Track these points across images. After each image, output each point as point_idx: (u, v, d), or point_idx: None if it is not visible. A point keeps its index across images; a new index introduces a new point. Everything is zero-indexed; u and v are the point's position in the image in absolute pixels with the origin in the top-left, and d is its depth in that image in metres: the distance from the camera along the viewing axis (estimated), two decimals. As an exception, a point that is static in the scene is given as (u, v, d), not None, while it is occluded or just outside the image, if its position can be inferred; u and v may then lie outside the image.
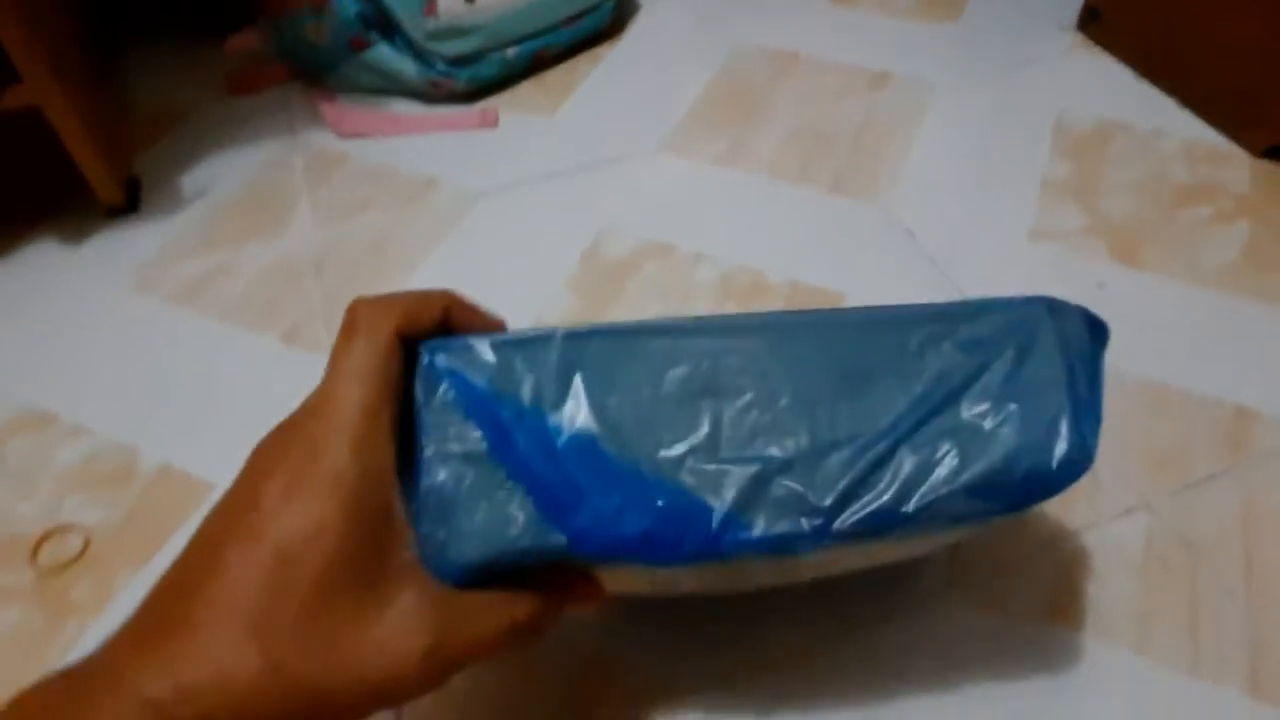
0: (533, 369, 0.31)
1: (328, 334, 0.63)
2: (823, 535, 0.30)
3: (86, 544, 0.52)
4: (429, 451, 0.30)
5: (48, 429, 0.59)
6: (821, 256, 0.68)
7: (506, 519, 0.29)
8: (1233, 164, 0.75)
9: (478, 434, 0.30)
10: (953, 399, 0.32)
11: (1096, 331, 0.38)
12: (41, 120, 0.65)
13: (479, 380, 0.31)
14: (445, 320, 0.32)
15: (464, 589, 0.29)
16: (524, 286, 0.67)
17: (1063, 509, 0.52)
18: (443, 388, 0.31)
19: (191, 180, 0.76)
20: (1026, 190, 0.73)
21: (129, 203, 0.73)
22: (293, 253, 0.70)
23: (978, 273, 0.67)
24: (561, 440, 0.30)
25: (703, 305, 0.65)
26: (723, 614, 0.47)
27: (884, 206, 0.72)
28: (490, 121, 0.80)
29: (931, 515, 0.31)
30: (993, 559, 0.50)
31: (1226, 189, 0.73)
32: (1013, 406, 0.32)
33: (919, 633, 0.47)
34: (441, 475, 0.30)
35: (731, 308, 0.65)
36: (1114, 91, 0.83)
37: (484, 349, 0.31)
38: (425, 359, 0.31)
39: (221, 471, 0.58)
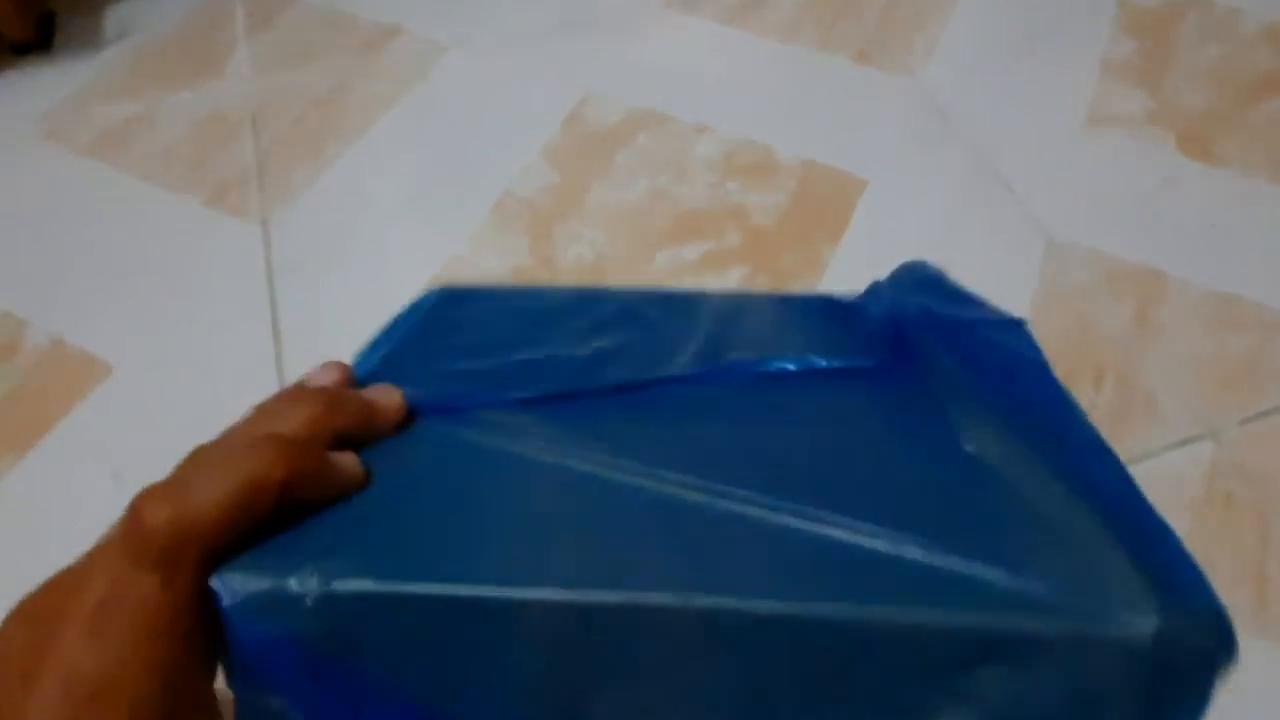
0: (372, 627, 0.20)
1: (260, 199, 0.54)
2: None
3: (-44, 426, 0.45)
4: None
5: (-73, 293, 0.50)
6: (841, 135, 0.59)
7: None
8: (1324, 50, 0.65)
9: (294, 714, 0.20)
10: None
11: None
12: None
13: (294, 641, 0.20)
14: (293, 497, 0.21)
15: None
16: (495, 155, 0.57)
17: (1112, 435, 0.44)
18: (242, 646, 0.20)
19: (115, 18, 0.66)
20: (1084, 70, 0.63)
21: (41, 40, 0.63)
22: (227, 105, 0.60)
23: (1023, 162, 0.57)
24: None
25: (700, 183, 0.55)
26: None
27: (916, 81, 0.62)
28: (465, -35, 0.69)
29: None
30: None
31: (1315, 78, 0.63)
32: None
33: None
34: None
35: (732, 188, 0.55)
36: (1190, -37, 0.71)
37: (304, 586, 0.20)
38: (220, 597, 0.20)
39: (122, 351, 0.50)
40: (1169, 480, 0.43)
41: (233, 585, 0.20)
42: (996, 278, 0.50)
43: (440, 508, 0.22)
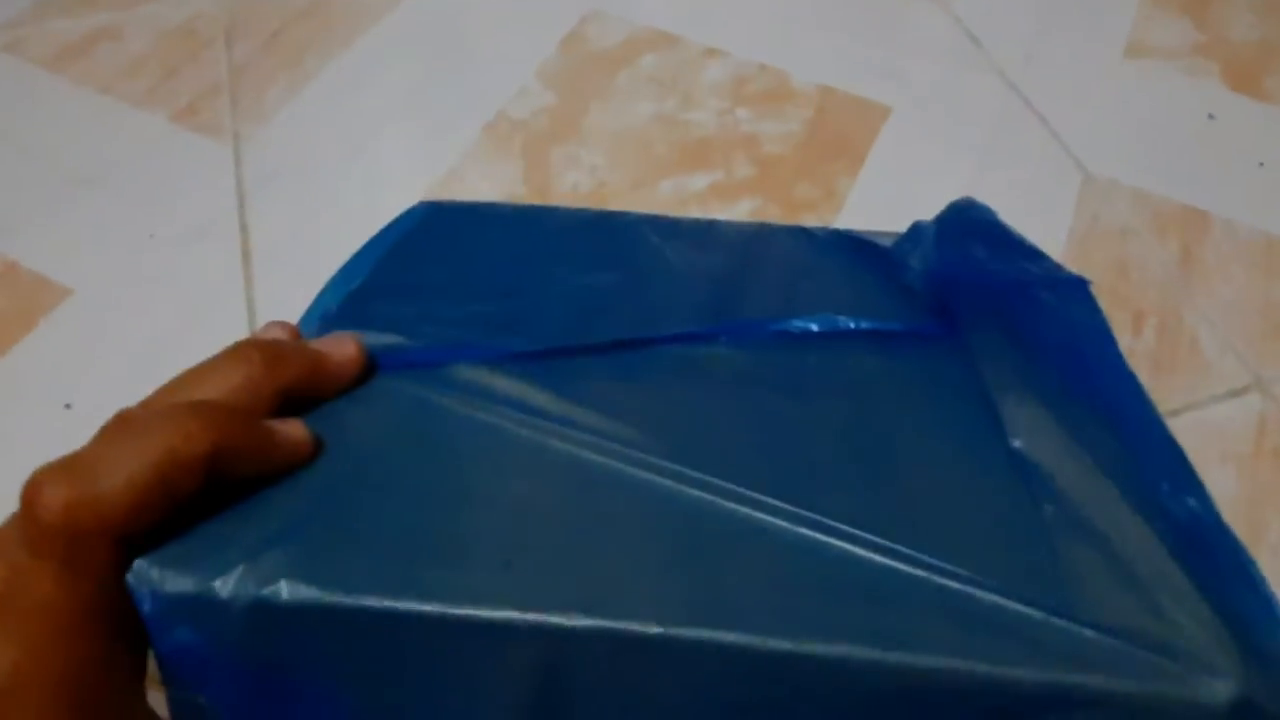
0: (311, 639, 0.17)
1: (232, 115, 0.50)
2: None
3: (-104, 352, 0.41)
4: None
5: None
6: (863, 60, 0.55)
7: None
8: (1383, -18, 0.60)
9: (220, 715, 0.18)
10: None
11: None
12: None
13: (220, 649, 0.17)
14: (224, 474, 0.18)
15: None
16: (486, 75, 0.53)
17: (1154, 385, 0.41)
18: (161, 651, 0.17)
19: (79, -79, 0.61)
20: (1124, -3, 0.59)
21: (-1, -56, 0.58)
22: (199, 15, 0.55)
23: (1058, 93, 0.53)
24: None
25: (708, 109, 0.51)
26: None
27: (943, 5, 0.58)
28: (459, -127, 0.64)
29: None
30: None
31: (1373, 11, 0.58)
32: None
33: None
34: None
35: (743, 115, 0.51)
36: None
37: (234, 590, 0.17)
38: (139, 599, 0.17)
39: (81, 275, 0.46)
40: (1214, 432, 0.39)
41: (150, 583, 0.17)
42: (1029, 214, 0.46)
43: (398, 493, 0.19)
